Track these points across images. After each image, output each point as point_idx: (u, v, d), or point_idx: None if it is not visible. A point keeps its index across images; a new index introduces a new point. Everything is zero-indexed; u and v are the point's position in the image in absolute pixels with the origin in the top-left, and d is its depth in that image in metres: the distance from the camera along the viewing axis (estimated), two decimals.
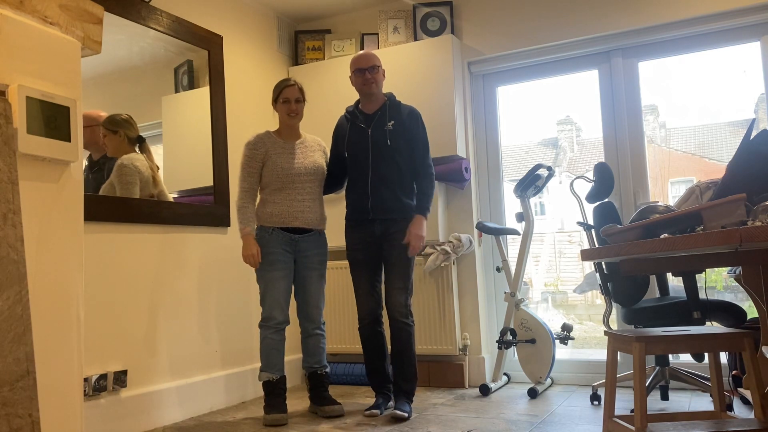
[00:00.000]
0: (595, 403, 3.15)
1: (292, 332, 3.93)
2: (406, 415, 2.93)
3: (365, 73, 3.08)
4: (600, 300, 3.49)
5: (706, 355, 2.84)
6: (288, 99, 3.13)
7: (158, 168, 3.16)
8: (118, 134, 2.99)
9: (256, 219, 3.10)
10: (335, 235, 3.70)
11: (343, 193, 3.35)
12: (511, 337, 3.48)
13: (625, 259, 2.14)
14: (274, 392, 3.04)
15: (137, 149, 3.06)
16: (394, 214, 3.06)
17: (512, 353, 3.80)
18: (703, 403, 3.07)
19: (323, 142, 3.33)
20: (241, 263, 3.70)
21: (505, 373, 3.77)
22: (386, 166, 3.07)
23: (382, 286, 3.13)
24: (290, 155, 3.13)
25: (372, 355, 3.15)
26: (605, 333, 2.28)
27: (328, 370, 3.22)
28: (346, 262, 3.95)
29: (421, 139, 3.10)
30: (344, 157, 3.18)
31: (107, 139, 2.96)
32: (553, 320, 7.58)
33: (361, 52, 3.15)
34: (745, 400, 2.98)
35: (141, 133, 3.10)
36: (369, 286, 3.13)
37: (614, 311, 3.21)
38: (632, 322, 3.02)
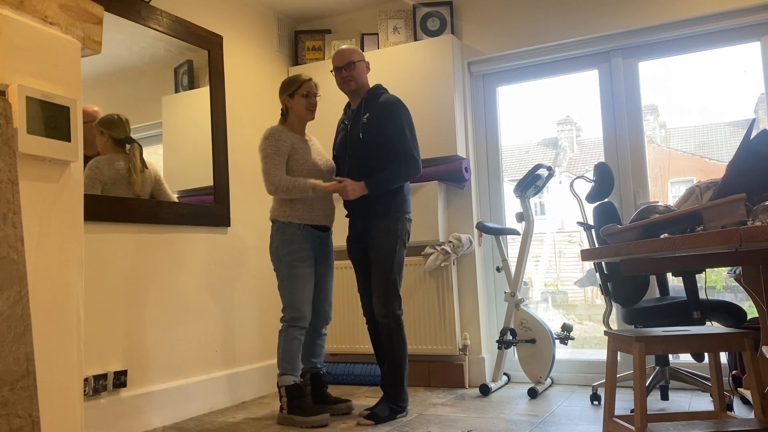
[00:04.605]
0: (595, 403, 3.15)
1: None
2: (372, 422, 2.87)
3: (341, 72, 3.05)
4: (600, 300, 3.50)
5: (706, 355, 2.84)
6: (309, 93, 3.08)
7: (143, 169, 3.07)
8: (104, 135, 2.97)
9: (284, 215, 3.02)
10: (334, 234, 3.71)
11: None
12: (511, 337, 3.48)
13: (625, 259, 2.14)
14: (301, 394, 2.97)
15: (127, 150, 3.03)
16: (369, 210, 3.00)
17: (512, 353, 3.80)
18: (703, 403, 3.07)
19: None
20: (241, 263, 3.70)
21: (505, 373, 3.77)
22: (361, 161, 3.01)
23: None
24: (315, 152, 3.11)
25: (376, 353, 3.17)
26: (605, 333, 2.28)
27: (325, 369, 3.25)
28: (343, 262, 3.98)
29: (394, 127, 2.95)
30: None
31: (97, 139, 2.94)
32: (553, 320, 7.58)
33: (339, 48, 3.11)
34: (745, 400, 2.98)
35: (139, 134, 3.08)
36: (363, 286, 3.14)
37: (614, 311, 3.21)
38: (632, 322, 3.02)
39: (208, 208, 3.47)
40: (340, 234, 3.74)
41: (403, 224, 3.04)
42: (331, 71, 3.11)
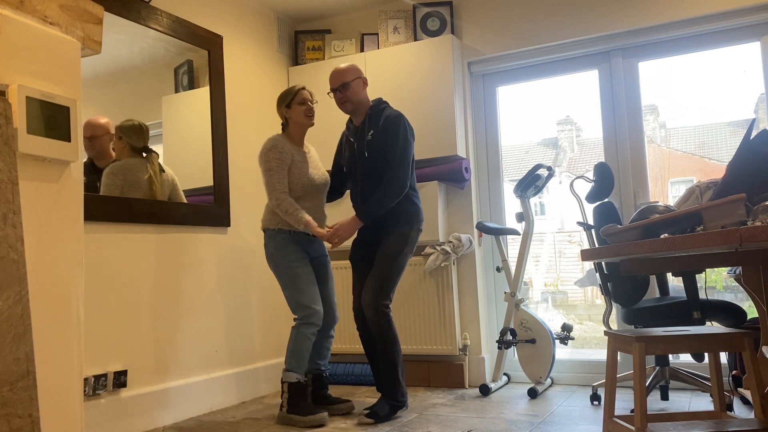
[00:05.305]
0: (595, 403, 3.15)
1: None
2: (373, 421, 2.88)
3: (337, 93, 3.09)
4: (600, 300, 3.50)
5: (706, 355, 2.84)
6: (305, 100, 3.11)
7: (161, 173, 3.14)
8: (122, 141, 3.00)
9: (274, 223, 3.06)
10: None
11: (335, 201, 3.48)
12: (511, 337, 3.48)
13: (625, 259, 2.14)
14: (303, 393, 2.99)
15: (144, 156, 3.06)
16: (381, 221, 3.05)
17: (512, 353, 3.80)
18: (703, 403, 3.07)
19: None
20: (241, 263, 3.70)
21: (505, 373, 3.77)
22: (370, 178, 3.07)
23: None
24: (312, 165, 3.15)
25: (366, 353, 3.17)
26: (605, 333, 2.28)
27: (328, 371, 3.26)
28: (343, 262, 3.99)
29: (389, 146, 3.00)
30: (343, 170, 3.25)
31: (115, 143, 2.97)
32: (553, 320, 7.58)
33: (334, 68, 3.12)
34: (745, 400, 2.98)
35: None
36: (359, 288, 3.16)
37: (614, 311, 3.21)
38: (632, 322, 3.02)
39: (208, 208, 3.47)
40: None
41: (414, 235, 3.09)
42: (329, 93, 3.15)
